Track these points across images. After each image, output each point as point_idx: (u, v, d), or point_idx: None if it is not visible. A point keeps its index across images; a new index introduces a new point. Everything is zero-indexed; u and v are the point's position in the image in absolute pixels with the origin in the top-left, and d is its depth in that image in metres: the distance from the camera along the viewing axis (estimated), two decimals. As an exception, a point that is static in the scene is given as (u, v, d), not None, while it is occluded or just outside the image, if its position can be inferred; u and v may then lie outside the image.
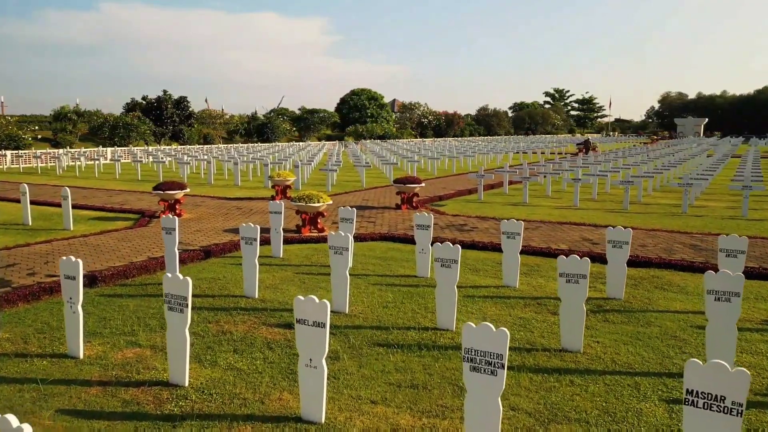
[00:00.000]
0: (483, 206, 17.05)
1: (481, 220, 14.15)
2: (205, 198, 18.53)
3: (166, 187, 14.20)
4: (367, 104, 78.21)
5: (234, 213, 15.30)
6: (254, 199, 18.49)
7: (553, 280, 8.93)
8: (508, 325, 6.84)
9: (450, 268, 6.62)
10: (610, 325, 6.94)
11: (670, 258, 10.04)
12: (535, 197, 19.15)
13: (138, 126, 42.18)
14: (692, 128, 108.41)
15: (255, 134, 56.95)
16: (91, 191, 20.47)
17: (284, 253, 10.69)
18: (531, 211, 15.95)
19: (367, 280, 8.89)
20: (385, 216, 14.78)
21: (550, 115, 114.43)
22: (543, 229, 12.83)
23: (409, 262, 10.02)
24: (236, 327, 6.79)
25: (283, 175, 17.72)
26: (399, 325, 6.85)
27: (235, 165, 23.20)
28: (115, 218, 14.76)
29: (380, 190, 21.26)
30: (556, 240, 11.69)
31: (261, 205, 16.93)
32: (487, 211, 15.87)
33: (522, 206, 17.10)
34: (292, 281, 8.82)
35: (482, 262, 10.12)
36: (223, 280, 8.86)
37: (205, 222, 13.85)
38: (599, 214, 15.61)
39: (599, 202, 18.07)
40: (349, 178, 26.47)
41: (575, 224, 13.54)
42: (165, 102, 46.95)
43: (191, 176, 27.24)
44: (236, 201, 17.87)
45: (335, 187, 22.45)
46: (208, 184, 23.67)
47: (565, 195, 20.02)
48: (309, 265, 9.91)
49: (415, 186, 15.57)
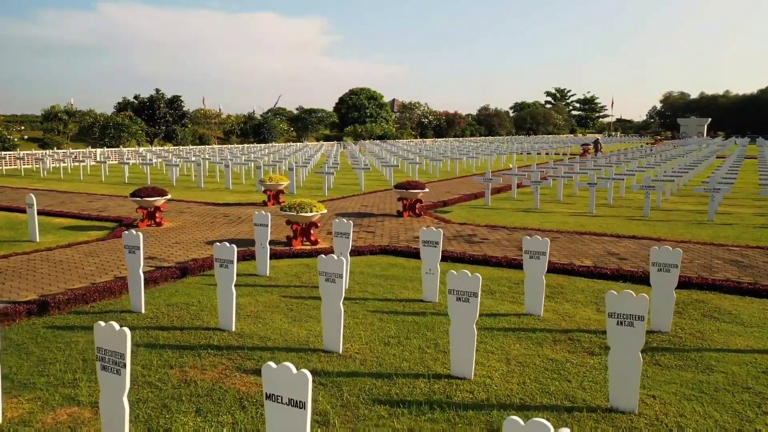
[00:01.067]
0: (491, 213, 15.77)
1: (492, 230, 12.87)
2: (192, 204, 17.24)
3: (145, 193, 12.91)
4: (367, 104, 76.86)
5: (220, 221, 14.01)
6: (244, 204, 17.20)
7: (582, 306, 7.66)
8: (539, 371, 5.56)
9: (468, 302, 5.34)
10: (664, 371, 5.65)
11: (713, 278, 8.76)
12: (547, 202, 17.87)
13: (129, 126, 40.80)
14: (695, 128, 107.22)
15: (251, 135, 55.61)
16: (71, 196, 19.18)
17: (271, 270, 9.41)
18: (544, 219, 14.67)
19: (365, 306, 7.61)
20: (385, 225, 13.50)
21: (552, 115, 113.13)
22: (561, 241, 11.55)
23: (413, 282, 8.74)
24: (204, 374, 5.50)
25: (276, 179, 16.44)
26: (404, 371, 5.57)
27: (226, 168, 21.91)
28: (90, 227, 13.47)
29: (380, 194, 19.98)
30: (578, 254, 10.41)
31: (251, 211, 15.64)
32: (497, 219, 14.59)
33: (534, 213, 15.82)
34: (278, 308, 7.53)
35: (497, 281, 8.84)
36: (197, 306, 7.57)
37: (187, 232, 12.56)
38: (619, 222, 14.33)
39: (615, 208, 16.80)
40: (347, 181, 25.18)
41: (596, 235, 12.26)
42: (157, 101, 45.55)
43: (181, 179, 25.95)
44: (225, 207, 16.58)
45: (332, 191, 21.17)
46: (198, 187, 22.38)
47: (578, 200, 18.74)
48: (299, 285, 8.62)
49: (418, 192, 14.29)
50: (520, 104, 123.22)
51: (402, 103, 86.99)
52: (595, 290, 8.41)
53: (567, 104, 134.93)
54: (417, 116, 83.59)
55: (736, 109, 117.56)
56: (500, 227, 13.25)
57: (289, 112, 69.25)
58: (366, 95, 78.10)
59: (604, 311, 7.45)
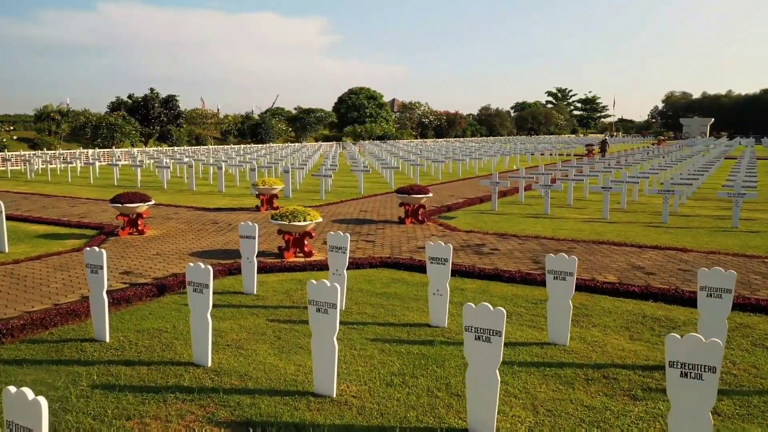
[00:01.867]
0: (499, 219, 14.79)
1: (501, 239, 11.89)
2: (180, 209, 16.26)
3: (126, 199, 11.93)
4: (366, 103, 75.84)
5: (209, 229, 13.02)
6: (236, 210, 16.21)
7: (612, 332, 6.68)
8: (574, 422, 4.59)
9: (490, 342, 4.36)
10: (725, 422, 4.68)
11: (756, 296, 7.78)
12: (556, 207, 16.89)
13: (122, 126, 39.74)
14: (698, 128, 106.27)
15: (249, 135, 54.57)
16: (54, 200, 18.21)
17: (260, 287, 8.43)
18: (557, 226, 13.69)
19: (364, 333, 6.64)
20: (386, 233, 12.52)
21: (554, 115, 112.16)
22: (578, 252, 10.58)
23: (418, 302, 7.76)
24: (167, 427, 4.52)
25: (269, 183, 15.46)
26: (411, 422, 4.59)
27: (219, 170, 20.92)
28: (68, 235, 12.49)
29: (380, 198, 19.00)
30: (599, 267, 9.43)
31: (243, 217, 14.66)
32: (505, 226, 13.61)
33: (544, 219, 14.84)
34: (263, 335, 6.55)
35: (513, 301, 7.86)
36: (171, 333, 6.60)
37: (170, 241, 11.58)
38: (637, 229, 13.35)
39: (630, 213, 15.82)
40: (346, 184, 24.20)
41: (615, 244, 11.28)
42: (152, 101, 44.50)
43: (173, 181, 24.97)
44: (215, 213, 15.59)
45: (330, 194, 20.19)
46: (190, 190, 21.40)
47: (589, 204, 17.76)
48: (289, 306, 7.64)
49: (421, 197, 13.31)
50: (521, 104, 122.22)
51: (402, 102, 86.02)
52: (624, 311, 7.44)
53: (568, 104, 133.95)
54: (417, 116, 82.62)
55: (739, 109, 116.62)
56: (510, 235, 12.27)
57: (288, 112, 68.24)
58: (365, 95, 77.10)
59: (637, 339, 6.50)
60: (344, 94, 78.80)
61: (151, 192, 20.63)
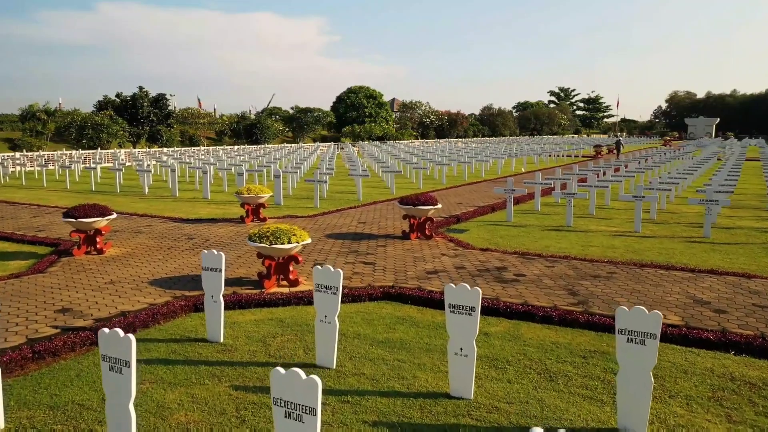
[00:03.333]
0: (517, 233, 12.99)
1: (525, 260, 10.08)
2: (155, 219, 14.44)
3: (82, 213, 10.12)
4: (365, 103, 73.93)
5: (181, 246, 11.20)
6: (218, 220, 14.39)
7: (701, 409, 4.89)
8: None
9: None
10: None
11: None
12: (578, 217, 15.07)
13: (109, 126, 37.79)
14: (704, 128, 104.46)
15: (244, 135, 52.67)
16: (17, 208, 16.40)
17: (229, 330, 6.63)
18: (584, 241, 11.88)
19: (360, 409, 4.84)
20: (388, 251, 10.70)
21: (557, 115, 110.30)
22: (620, 278, 8.77)
23: (432, 355, 5.97)
24: None
25: (255, 191, 13.65)
26: None
27: (204, 174, 19.10)
28: (17, 254, 10.68)
29: (381, 206, 17.18)
30: (653, 301, 7.63)
31: (223, 232, 12.85)
32: (526, 242, 11.80)
33: (567, 232, 13.04)
34: (222, 416, 4.74)
35: (553, 352, 6.06)
36: (95, 414, 4.79)
37: (132, 263, 9.76)
38: (679, 245, 11.54)
39: (664, 225, 14.01)
40: (344, 188, 22.39)
41: (661, 267, 9.47)
42: (140, 100, 42.53)
43: (156, 186, 23.14)
44: (193, 225, 13.77)
45: (325, 201, 18.37)
46: (173, 196, 19.58)
47: (613, 214, 15.95)
48: (264, 363, 5.84)
49: (428, 209, 11.50)
50: (523, 104, 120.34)
51: (402, 102, 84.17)
52: (704, 371, 5.63)
53: (571, 104, 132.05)
54: (418, 116, 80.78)
55: (743, 109, 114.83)
56: (534, 255, 10.45)
57: (285, 112, 66.36)
58: (365, 94, 75.21)
59: (738, 420, 4.70)
60: (343, 93, 76.90)
61: (129, 199, 18.84)
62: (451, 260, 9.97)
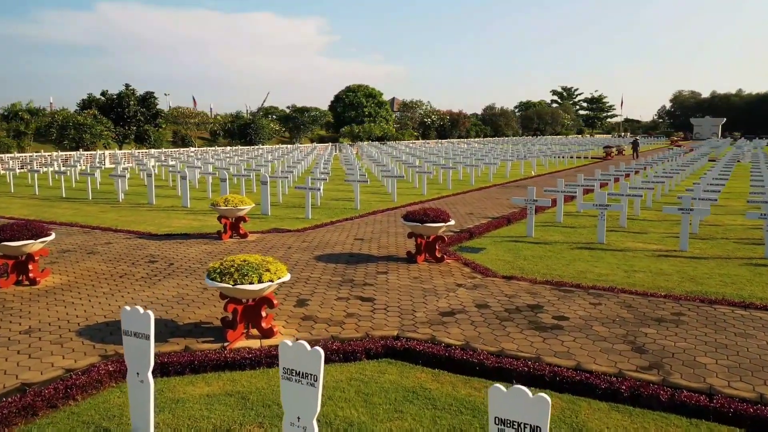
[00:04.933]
0: (542, 252, 10.98)
1: (562, 293, 8.07)
2: (118, 234, 12.43)
3: (8, 233, 8.12)
4: (364, 102, 71.78)
5: (137, 273, 9.18)
6: (192, 236, 12.37)
7: None
8: None
9: None
10: None
11: None
12: (608, 231, 13.04)
13: (93, 126, 35.64)
14: (710, 129, 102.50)
15: (237, 136, 50.54)
16: (-35, 220, 14.36)
17: (169, 414, 4.64)
18: (626, 264, 9.87)
19: None
20: (391, 281, 8.70)
21: (561, 115, 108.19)
22: (691, 322, 6.77)
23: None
24: None
25: (234, 202, 11.65)
26: None
27: (182, 179, 17.09)
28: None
29: (382, 217, 15.18)
30: (751, 363, 5.64)
31: (196, 251, 10.86)
32: (556, 265, 9.80)
33: (600, 250, 11.03)
34: None
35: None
36: None
37: (68, 298, 7.75)
38: (741, 270, 9.53)
39: (709, 241, 12.01)
40: (340, 194, 20.39)
41: (737, 305, 7.46)
42: (127, 98, 40.37)
43: (133, 192, 21.10)
44: (161, 241, 11.75)
45: (318, 210, 16.36)
46: (149, 204, 17.57)
47: (646, 226, 13.95)
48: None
49: (439, 226, 9.50)
50: (525, 103, 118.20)
51: (402, 101, 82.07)
52: None
53: (574, 103, 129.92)
54: (419, 116, 78.72)
55: (749, 108, 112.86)
56: (571, 285, 8.45)
57: (281, 112, 64.24)
58: (364, 92, 73.08)
59: None
60: (341, 91, 74.69)
61: (99, 207, 16.83)
62: (470, 294, 7.97)
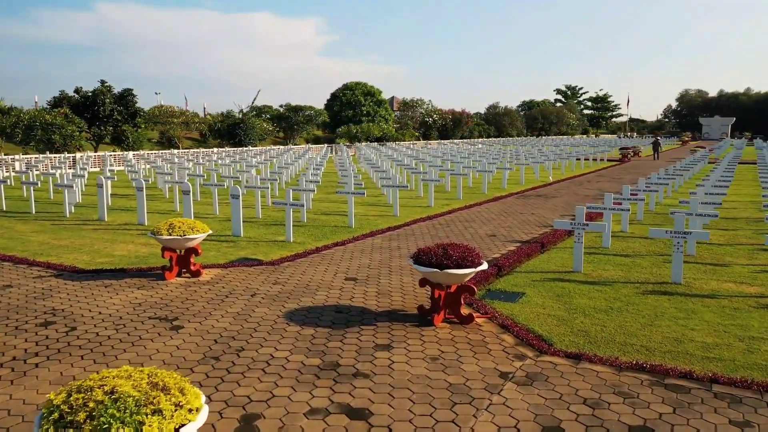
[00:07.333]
0: (602, 299, 7.93)
1: (671, 393, 5.03)
2: (32, 269, 9.34)
3: None
4: (363, 100, 68.57)
5: (8, 353, 6.10)
6: (128, 271, 9.27)
7: None
8: None
9: None
10: None
11: None
12: (669, 262, 9.96)
13: (63, 126, 32.46)
14: (719, 128, 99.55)
15: (226, 136, 47.35)
16: None
17: None
18: (735, 326, 6.82)
19: None
20: (396, 368, 5.63)
21: (566, 114, 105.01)
22: None
23: None
24: None
25: (181, 229, 8.58)
26: None
27: (138, 191, 14.01)
28: None
29: (381, 241, 12.11)
30: None
31: (120, 301, 7.78)
32: (631, 325, 6.76)
33: (682, 296, 7.96)
34: None
35: None
36: None
37: None
38: None
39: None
40: (332, 207, 17.33)
41: None
42: (102, 96, 37.18)
43: (87, 204, 18.01)
44: (82, 282, 8.66)
45: (303, 231, 13.30)
46: (100, 220, 14.51)
47: (722, 255, 10.90)
48: None
49: (466, 273, 6.45)
50: (529, 103, 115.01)
51: (402, 100, 78.88)
52: None
53: (578, 102, 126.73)
54: (420, 115, 75.57)
55: (758, 108, 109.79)
56: (678, 373, 5.41)
57: (275, 111, 61.05)
58: (362, 91, 69.86)
59: None
60: (338, 89, 71.36)
61: (36, 225, 13.75)
62: (525, 398, 4.93)
